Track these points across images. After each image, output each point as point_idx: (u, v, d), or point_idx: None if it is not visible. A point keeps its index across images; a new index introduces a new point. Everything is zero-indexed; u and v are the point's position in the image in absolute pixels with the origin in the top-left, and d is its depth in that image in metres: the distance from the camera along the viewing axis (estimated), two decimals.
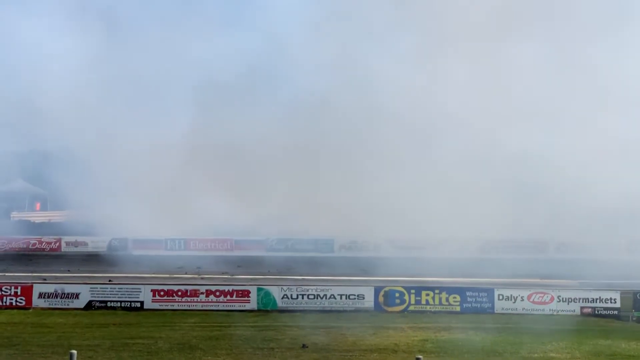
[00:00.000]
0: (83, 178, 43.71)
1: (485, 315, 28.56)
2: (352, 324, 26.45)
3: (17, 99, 43.74)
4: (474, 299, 29.25)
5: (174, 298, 29.08)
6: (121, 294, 29.17)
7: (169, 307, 28.84)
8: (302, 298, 28.97)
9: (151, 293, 29.09)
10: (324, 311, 28.58)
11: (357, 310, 28.70)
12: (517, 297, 29.22)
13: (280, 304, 28.94)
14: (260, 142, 41.52)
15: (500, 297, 29.23)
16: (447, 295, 29.25)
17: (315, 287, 29.27)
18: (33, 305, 28.77)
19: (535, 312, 28.80)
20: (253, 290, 29.13)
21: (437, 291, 29.31)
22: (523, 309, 29.03)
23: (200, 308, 28.77)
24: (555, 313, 28.85)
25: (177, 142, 41.83)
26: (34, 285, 29.35)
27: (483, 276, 33.37)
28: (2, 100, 43.53)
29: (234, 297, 29.07)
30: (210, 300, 29.02)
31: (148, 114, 43.60)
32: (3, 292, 28.90)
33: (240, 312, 28.39)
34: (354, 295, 29.17)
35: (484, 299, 29.25)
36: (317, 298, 29.03)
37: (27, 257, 41.49)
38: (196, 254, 42.92)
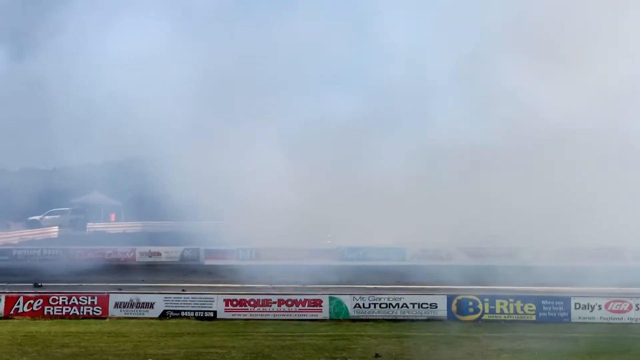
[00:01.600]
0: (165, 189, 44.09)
1: (561, 324, 28.01)
2: (425, 333, 26.26)
3: (92, 110, 44.29)
4: (549, 308, 28.71)
5: (246, 308, 29.20)
6: (194, 304, 29.43)
7: (242, 317, 28.97)
8: (374, 307, 28.81)
9: (224, 303, 29.26)
10: (396, 320, 28.40)
11: (430, 319, 28.44)
12: (594, 305, 28.60)
13: (352, 313, 28.82)
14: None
15: (577, 306, 28.64)
16: (522, 304, 28.77)
17: (387, 296, 29.09)
18: (109, 315, 29.20)
19: (613, 321, 28.15)
20: (325, 300, 29.08)
21: (511, 300, 28.85)
22: (600, 317, 28.40)
23: (273, 317, 28.83)
24: (634, 322, 28.16)
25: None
26: (110, 295, 29.80)
27: (558, 284, 32.74)
28: (78, 112, 44.11)
29: (306, 307, 29.06)
30: (282, 309, 29.06)
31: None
32: (80, 302, 29.42)
33: (312, 322, 28.37)
34: (427, 304, 28.90)
35: (560, 308, 28.69)
36: (389, 307, 28.84)
37: (105, 267, 42.05)
38: (268, 264, 43.08)
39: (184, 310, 29.28)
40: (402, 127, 40.99)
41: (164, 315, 29.16)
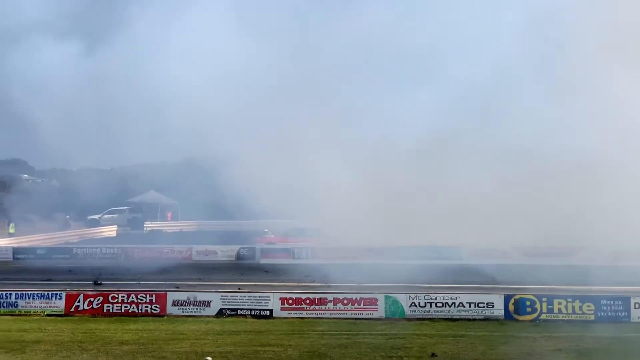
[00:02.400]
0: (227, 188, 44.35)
1: (621, 324, 27.57)
2: (481, 333, 26.10)
3: (150, 109, 44.62)
4: (608, 308, 28.26)
5: (302, 306, 29.30)
6: (251, 302, 29.61)
7: (298, 315, 29.06)
8: (430, 306, 28.69)
9: (280, 301, 29.40)
10: (452, 319, 28.24)
11: (486, 319, 28.23)
12: None
13: (408, 312, 28.74)
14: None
15: (637, 306, 28.13)
16: (580, 304, 28.38)
17: (443, 295, 28.93)
18: (167, 313, 29.55)
19: None
20: (381, 298, 29.03)
21: (569, 299, 28.48)
22: None
23: (329, 316, 28.87)
24: None
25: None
26: (168, 293, 30.15)
27: (617, 284, 32.25)
28: (135, 111, 44.51)
29: (362, 305, 29.05)
30: (338, 308, 29.09)
31: None
32: (139, 300, 29.81)
33: (368, 320, 28.35)
34: (483, 303, 28.69)
35: (619, 307, 28.23)
36: (445, 306, 28.69)
37: (162, 266, 42.50)
38: (324, 263, 43.10)
39: (241, 309, 29.47)
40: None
41: (220, 313, 29.40)
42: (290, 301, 29.39)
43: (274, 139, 41.56)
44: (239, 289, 31.64)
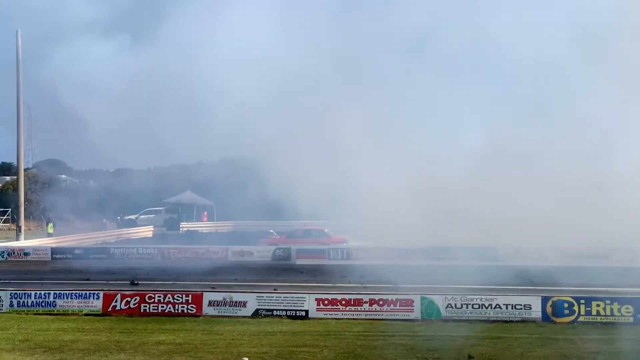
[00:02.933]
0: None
1: None
2: (518, 335, 25.89)
3: (189, 108, 44.66)
4: None
5: (337, 307, 29.25)
6: (286, 303, 29.61)
7: (333, 316, 29.01)
8: (467, 307, 28.51)
9: (315, 302, 29.38)
10: (489, 321, 28.03)
11: (523, 321, 27.98)
12: None
13: (444, 313, 28.58)
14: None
15: None
16: (619, 306, 28.01)
17: (480, 297, 28.73)
18: (203, 313, 29.65)
19: None
20: (417, 300, 28.91)
21: (608, 301, 28.14)
22: None
23: (364, 317, 28.80)
24: None
25: None
26: (204, 293, 30.26)
27: None
28: (175, 111, 44.62)
29: (398, 306, 28.94)
30: (373, 309, 29.00)
31: None
32: (175, 300, 29.95)
33: (404, 322, 28.23)
34: (520, 305, 28.44)
35: None
36: (481, 308, 28.50)
37: (198, 266, 42.69)
38: (359, 263, 43.06)
39: (276, 309, 29.50)
40: None
41: (256, 314, 29.44)
42: (325, 302, 29.35)
43: (315, 138, 41.40)
44: (275, 289, 31.64)
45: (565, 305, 28.16)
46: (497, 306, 28.40)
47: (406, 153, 40.09)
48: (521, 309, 28.33)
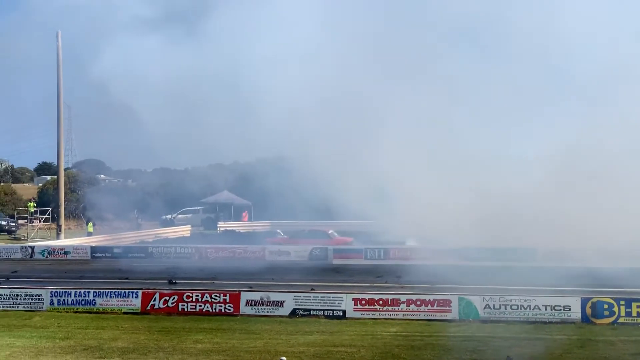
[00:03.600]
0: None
1: None
2: (557, 336, 25.66)
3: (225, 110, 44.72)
4: None
5: (375, 307, 29.18)
6: (323, 302, 29.60)
7: (370, 316, 28.96)
8: (505, 308, 28.30)
9: (353, 302, 29.34)
10: (527, 322, 27.78)
11: (562, 322, 27.71)
12: None
13: (482, 314, 28.40)
14: None
15: None
16: None
17: (518, 297, 28.50)
18: (240, 312, 29.74)
19: None
20: (454, 300, 28.75)
21: None
22: None
23: (402, 317, 28.70)
24: None
25: None
26: (242, 292, 30.36)
27: None
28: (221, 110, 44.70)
29: (435, 307, 28.80)
30: (411, 309, 28.88)
31: None
32: (213, 300, 30.09)
33: (441, 322, 28.10)
34: (559, 306, 28.17)
35: None
36: (520, 308, 28.27)
37: (235, 266, 42.87)
38: (396, 263, 42.96)
39: (313, 309, 29.50)
40: None
41: (293, 313, 29.48)
42: (363, 302, 29.30)
43: (361, 138, 41.12)
44: (312, 289, 31.64)
45: (605, 306, 27.83)
46: (536, 307, 28.16)
47: (458, 154, 39.59)
48: (560, 310, 28.06)
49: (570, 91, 39.64)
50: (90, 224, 66.71)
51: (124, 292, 31.16)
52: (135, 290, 31.19)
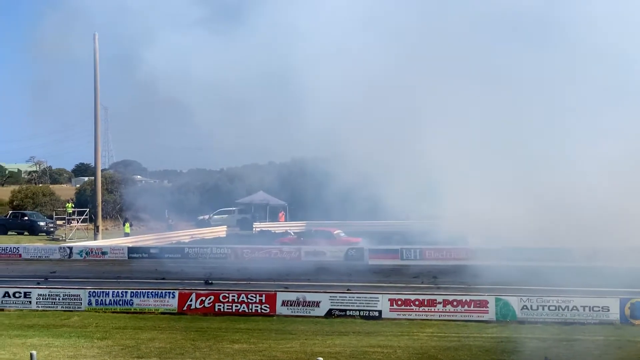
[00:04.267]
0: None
1: None
2: (595, 337, 25.35)
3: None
4: None
5: (411, 307, 29.09)
6: (359, 303, 29.56)
7: (406, 317, 28.86)
8: (543, 309, 28.04)
9: (389, 302, 29.27)
10: (565, 323, 27.51)
11: (601, 323, 27.37)
12: None
13: (519, 314, 28.16)
14: None
15: None
16: None
17: (556, 298, 28.24)
18: (276, 313, 29.81)
19: None
20: (491, 301, 28.56)
21: None
22: None
23: (438, 318, 28.57)
24: None
25: None
26: (278, 293, 30.42)
27: None
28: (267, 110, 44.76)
29: (472, 307, 28.63)
30: (447, 310, 28.75)
31: None
32: (249, 300, 30.18)
33: (478, 323, 27.93)
34: (598, 307, 27.84)
35: None
36: (558, 309, 28.01)
37: (271, 266, 42.92)
38: (432, 264, 42.81)
39: (349, 310, 29.48)
40: None
41: (329, 314, 29.48)
42: (399, 302, 29.22)
43: (405, 136, 40.73)
44: (348, 289, 31.61)
45: None
46: (574, 308, 27.84)
47: (509, 152, 38.90)
48: (599, 310, 27.73)
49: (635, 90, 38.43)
50: (127, 224, 67.26)
51: (161, 292, 31.39)
52: (172, 291, 31.41)
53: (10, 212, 76.73)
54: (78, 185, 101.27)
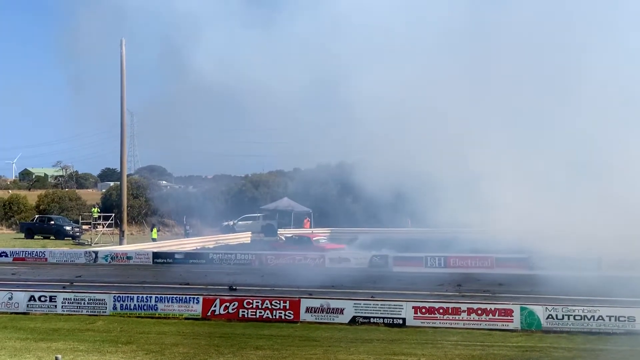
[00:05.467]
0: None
1: None
2: (622, 348, 25.15)
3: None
4: None
5: (435, 315, 28.99)
6: (383, 310, 29.51)
7: (431, 325, 28.76)
8: (568, 319, 27.83)
9: (413, 310, 29.19)
10: (591, 333, 27.30)
11: (627, 333, 27.11)
12: None
13: (544, 324, 27.96)
14: None
15: None
16: None
17: (582, 308, 28.02)
18: (300, 319, 29.80)
19: None
20: (516, 309, 28.38)
21: None
22: None
23: (462, 326, 28.43)
24: None
25: None
26: (302, 299, 30.42)
27: None
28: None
29: (496, 316, 28.48)
30: (471, 318, 28.61)
31: None
32: (273, 306, 30.20)
33: (502, 332, 27.78)
34: (624, 317, 27.57)
35: None
36: (583, 319, 27.78)
37: (294, 272, 42.91)
38: (456, 272, 42.60)
39: (373, 317, 29.43)
40: None
41: (353, 321, 29.44)
42: (423, 310, 29.13)
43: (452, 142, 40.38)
44: (372, 296, 31.53)
45: None
46: (600, 318, 27.61)
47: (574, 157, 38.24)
48: (624, 320, 27.47)
49: None
50: (155, 230, 67.53)
51: (185, 297, 31.49)
52: (196, 296, 31.50)
53: (36, 216, 77.33)
54: (104, 190, 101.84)
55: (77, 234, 70.47)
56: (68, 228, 71.58)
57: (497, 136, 38.97)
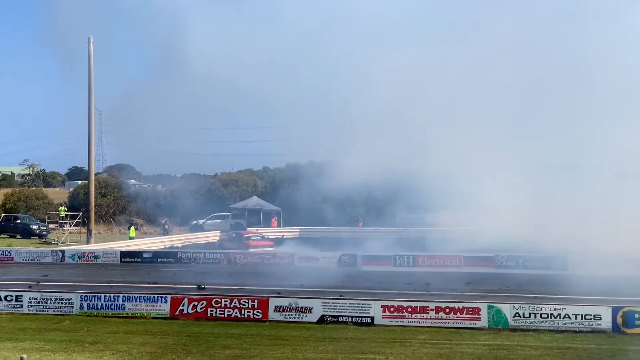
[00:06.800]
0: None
1: None
2: (588, 346, 25.40)
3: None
4: None
5: (403, 314, 29.07)
6: (352, 309, 29.53)
7: (399, 324, 28.84)
8: (535, 317, 28.03)
9: (381, 309, 29.25)
10: (557, 331, 27.52)
11: (593, 331, 27.38)
12: None
13: (512, 322, 28.15)
14: None
15: None
16: None
17: (548, 306, 28.25)
18: (269, 318, 29.75)
19: None
20: (483, 308, 28.55)
21: None
22: None
23: (430, 325, 28.55)
24: None
25: None
26: (270, 299, 30.37)
27: None
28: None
29: (464, 315, 28.63)
30: (439, 317, 28.73)
31: None
32: (241, 305, 30.12)
33: (470, 330, 27.93)
34: (590, 315, 27.85)
35: None
36: (550, 317, 27.99)
37: (262, 271, 42.91)
38: (425, 270, 42.73)
39: (342, 316, 29.45)
40: None
41: (322, 320, 29.43)
42: (391, 309, 29.21)
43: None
44: (341, 295, 31.55)
45: (637, 315, 27.44)
46: (566, 316, 27.85)
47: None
48: (591, 319, 27.74)
49: None
50: (133, 228, 67.10)
51: (153, 297, 31.30)
52: (164, 295, 31.33)
53: (2, 215, 76.44)
54: (71, 189, 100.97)
55: (44, 233, 69.79)
56: (35, 227, 70.83)
57: (465, 135, 39.22)
